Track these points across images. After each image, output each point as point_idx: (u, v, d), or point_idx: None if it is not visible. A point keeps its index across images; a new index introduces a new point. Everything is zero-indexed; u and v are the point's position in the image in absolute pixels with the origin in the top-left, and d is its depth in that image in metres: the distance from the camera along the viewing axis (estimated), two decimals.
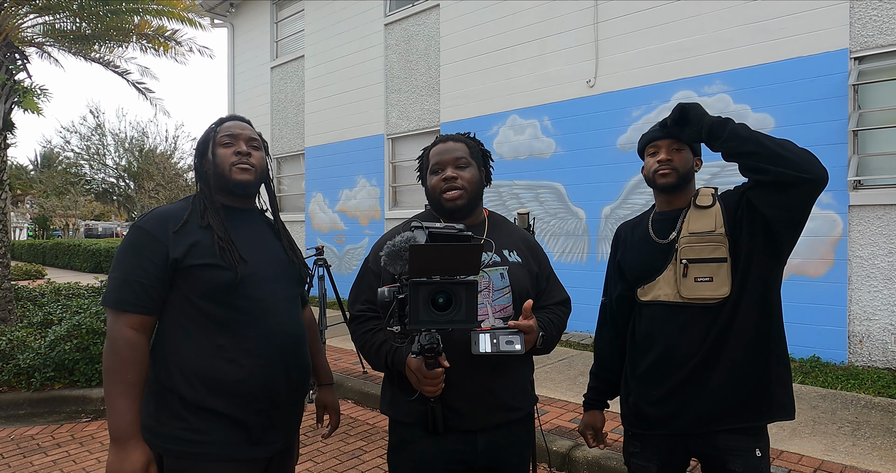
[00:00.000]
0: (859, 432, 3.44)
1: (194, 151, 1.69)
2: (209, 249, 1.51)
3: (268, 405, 1.54)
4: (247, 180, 1.62)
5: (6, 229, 6.40)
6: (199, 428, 1.48)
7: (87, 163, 28.69)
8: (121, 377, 1.41)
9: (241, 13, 12.04)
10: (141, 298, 1.46)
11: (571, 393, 4.31)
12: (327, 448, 3.69)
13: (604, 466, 3.14)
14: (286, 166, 11.32)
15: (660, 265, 1.72)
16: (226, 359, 1.50)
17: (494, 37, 7.48)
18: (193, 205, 1.59)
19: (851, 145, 4.91)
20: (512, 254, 1.69)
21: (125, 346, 1.43)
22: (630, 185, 6.16)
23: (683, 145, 1.75)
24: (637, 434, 1.79)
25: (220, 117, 1.70)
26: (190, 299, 1.50)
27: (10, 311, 6.12)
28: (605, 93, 6.42)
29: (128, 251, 1.50)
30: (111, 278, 1.50)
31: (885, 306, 4.75)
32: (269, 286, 1.59)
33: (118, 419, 1.39)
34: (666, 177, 1.72)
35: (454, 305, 1.25)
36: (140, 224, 1.53)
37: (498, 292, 1.61)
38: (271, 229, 1.73)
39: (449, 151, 1.66)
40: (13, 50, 6.30)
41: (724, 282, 1.62)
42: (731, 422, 1.63)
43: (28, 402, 4.45)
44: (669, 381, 1.69)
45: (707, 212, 1.69)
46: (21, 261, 19.73)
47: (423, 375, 1.43)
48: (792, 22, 5.20)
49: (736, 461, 1.61)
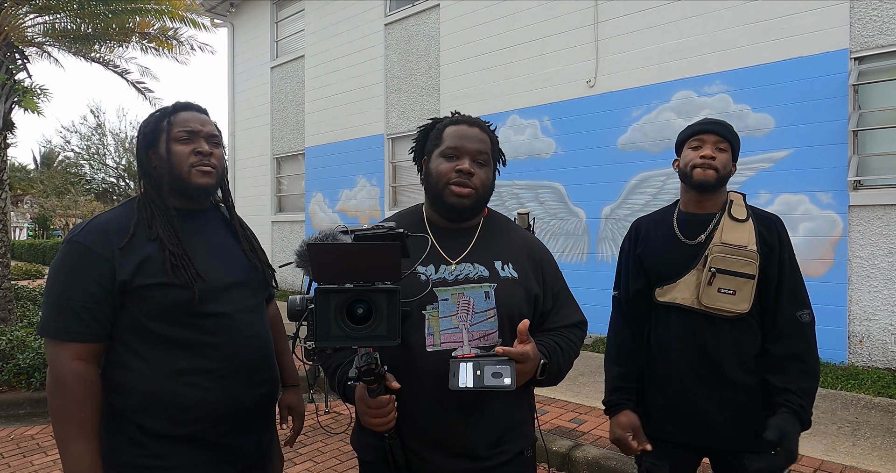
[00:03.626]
0: (859, 432, 3.44)
1: (136, 140, 1.45)
2: (161, 265, 1.32)
3: (235, 425, 1.41)
4: (207, 183, 1.42)
5: (6, 229, 6.40)
6: (161, 453, 1.33)
7: (87, 163, 28.70)
8: (73, 416, 1.25)
9: (241, 13, 12.03)
10: (88, 324, 1.28)
11: (571, 393, 4.31)
12: (327, 447, 3.69)
13: (604, 466, 3.14)
14: (286, 166, 11.32)
15: (683, 268, 1.67)
16: (187, 384, 1.34)
17: (494, 37, 7.47)
18: (139, 212, 1.38)
19: (851, 145, 4.91)
20: (507, 267, 1.38)
21: (74, 381, 1.26)
22: (630, 185, 6.16)
23: (728, 146, 1.69)
24: (648, 435, 1.77)
25: (175, 103, 1.46)
26: (142, 322, 1.33)
27: (10, 311, 6.12)
28: (605, 93, 6.42)
29: (66, 272, 1.30)
30: (47, 303, 1.30)
31: (885, 306, 4.75)
32: (232, 298, 1.42)
33: (76, 464, 1.24)
34: (706, 174, 1.65)
35: (374, 317, 1.06)
36: (77, 239, 1.31)
37: (479, 314, 1.30)
38: (229, 230, 1.54)
39: (472, 140, 1.37)
40: (13, 50, 6.30)
41: (746, 298, 1.60)
42: (747, 446, 1.61)
43: (28, 402, 4.45)
44: (679, 389, 1.68)
45: (742, 225, 1.65)
46: (21, 261, 19.74)
47: (367, 404, 1.18)
48: (792, 22, 5.20)
49: (752, 458, 1.58)
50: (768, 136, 5.32)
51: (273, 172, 11.41)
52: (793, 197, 5.18)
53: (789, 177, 5.20)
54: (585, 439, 3.46)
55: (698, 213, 1.72)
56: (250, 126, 11.91)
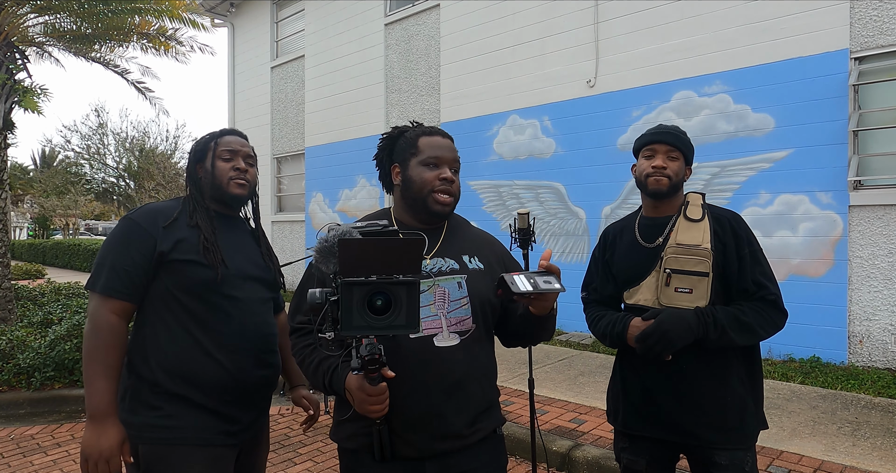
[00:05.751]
0: (859, 432, 3.44)
1: (188, 155, 1.78)
2: (194, 247, 1.59)
3: (237, 396, 1.62)
4: (241, 194, 1.72)
5: (6, 229, 6.40)
6: (173, 414, 1.54)
7: (88, 162, 28.71)
8: (102, 358, 1.49)
9: (241, 13, 12.03)
10: (127, 286, 1.54)
11: (571, 393, 4.31)
12: (327, 447, 3.69)
13: (604, 466, 3.14)
14: (286, 166, 11.32)
15: (644, 271, 1.75)
16: (201, 351, 1.57)
17: (494, 37, 7.47)
18: (184, 205, 1.68)
19: (851, 146, 4.91)
20: (473, 260, 1.53)
21: (108, 330, 1.51)
22: (630, 185, 6.16)
23: (680, 154, 1.76)
24: (624, 432, 1.83)
25: (222, 129, 1.80)
26: (171, 291, 1.58)
27: (10, 311, 6.12)
28: (605, 93, 6.42)
29: (117, 241, 1.57)
30: (98, 264, 1.57)
31: (885, 306, 4.75)
32: (247, 288, 1.67)
33: (98, 398, 1.47)
34: (659, 183, 1.73)
35: (394, 308, 1.11)
36: (132, 217, 1.61)
37: (454, 302, 1.45)
38: (252, 237, 1.82)
39: (450, 151, 1.52)
40: (13, 50, 6.30)
41: (702, 295, 1.66)
42: (715, 443, 1.67)
43: (28, 402, 4.45)
44: (646, 387, 1.75)
45: (696, 225, 1.72)
46: (21, 261, 19.73)
47: (367, 393, 1.24)
48: (792, 22, 5.20)
49: (722, 454, 1.65)
50: (768, 136, 5.32)
51: (273, 172, 11.41)
52: (793, 197, 5.19)
53: (789, 177, 5.20)
54: (585, 439, 3.46)
55: (656, 216, 1.81)
56: (250, 126, 11.90)
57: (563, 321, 6.36)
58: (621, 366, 1.86)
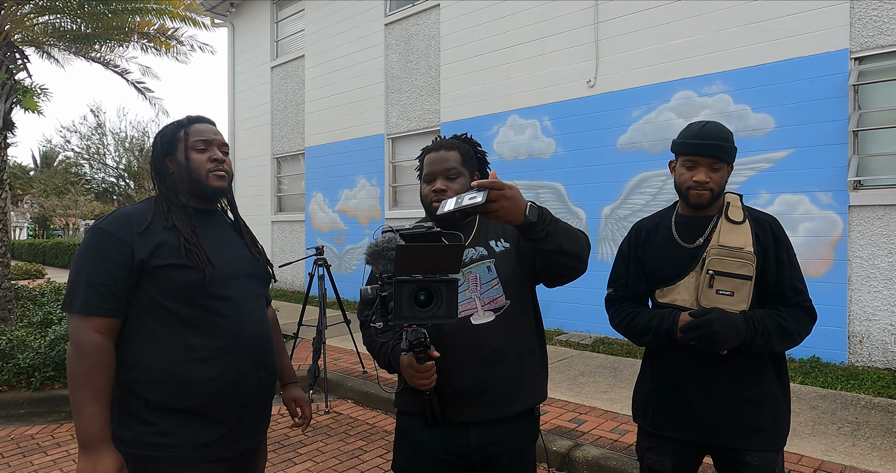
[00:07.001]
0: (859, 432, 3.44)
1: (153, 149, 1.63)
2: (175, 249, 1.48)
3: (238, 403, 1.54)
4: (222, 186, 1.62)
5: (6, 229, 6.40)
6: (167, 431, 1.45)
7: (87, 162, 28.69)
8: (89, 381, 1.39)
9: (241, 13, 12.04)
10: (108, 301, 1.43)
11: (571, 393, 4.31)
12: (327, 447, 3.69)
13: (604, 466, 3.14)
14: (286, 166, 11.32)
15: (683, 271, 1.71)
16: (196, 359, 1.48)
17: (494, 37, 7.47)
18: (156, 206, 1.56)
19: (851, 146, 4.91)
20: (500, 243, 1.69)
21: (93, 350, 1.40)
22: (630, 185, 6.16)
23: (723, 164, 1.68)
24: (651, 432, 1.80)
25: (188, 116, 1.65)
26: (157, 300, 1.47)
27: (10, 310, 6.12)
28: (605, 93, 6.42)
29: (91, 254, 1.46)
30: (73, 282, 1.45)
31: (885, 306, 4.75)
32: (238, 285, 1.58)
33: (90, 424, 1.37)
34: (700, 197, 1.68)
35: (435, 301, 1.31)
36: (101, 226, 1.48)
37: (486, 284, 1.64)
38: (234, 229, 1.72)
39: (440, 162, 1.66)
40: (13, 49, 6.30)
41: (744, 299, 1.63)
42: (748, 444, 1.65)
43: (28, 402, 4.45)
44: (679, 387, 1.71)
45: (739, 227, 1.69)
46: (21, 261, 19.74)
47: (415, 369, 1.47)
48: (792, 22, 5.20)
49: (753, 454, 1.63)
50: (768, 136, 5.32)
51: (273, 172, 11.41)
52: (793, 197, 5.19)
53: (789, 177, 5.20)
54: (585, 439, 3.46)
55: (694, 216, 1.76)
56: (250, 126, 11.91)
57: (564, 321, 6.35)
58: (651, 365, 1.82)
